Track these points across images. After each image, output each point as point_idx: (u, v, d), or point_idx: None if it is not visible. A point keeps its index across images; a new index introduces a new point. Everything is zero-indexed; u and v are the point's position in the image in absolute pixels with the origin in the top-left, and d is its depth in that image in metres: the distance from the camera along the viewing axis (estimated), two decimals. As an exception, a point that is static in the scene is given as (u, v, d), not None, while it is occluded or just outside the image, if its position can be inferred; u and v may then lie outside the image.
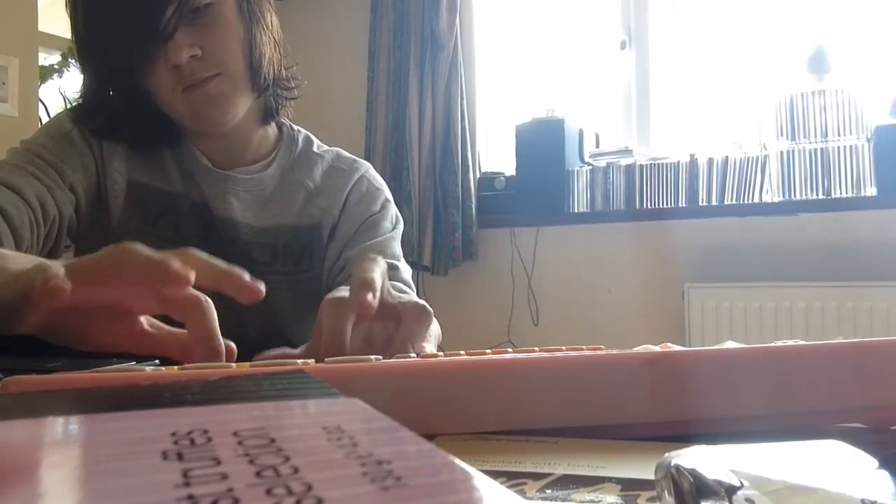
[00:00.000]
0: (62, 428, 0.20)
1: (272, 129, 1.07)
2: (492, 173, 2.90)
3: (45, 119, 2.39)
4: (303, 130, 1.12)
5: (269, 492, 0.15)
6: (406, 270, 1.01)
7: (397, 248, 1.05)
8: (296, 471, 0.16)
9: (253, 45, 0.93)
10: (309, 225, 1.03)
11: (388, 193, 1.11)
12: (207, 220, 0.98)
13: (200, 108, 0.91)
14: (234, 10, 0.91)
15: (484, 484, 0.16)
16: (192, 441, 0.18)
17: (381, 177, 1.21)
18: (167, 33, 0.85)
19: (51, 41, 2.33)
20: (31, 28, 2.22)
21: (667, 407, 0.44)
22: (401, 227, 1.09)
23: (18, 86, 2.17)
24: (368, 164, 1.12)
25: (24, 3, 2.21)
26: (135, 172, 0.97)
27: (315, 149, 1.10)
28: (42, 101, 2.37)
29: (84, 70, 0.94)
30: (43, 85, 2.36)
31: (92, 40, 0.89)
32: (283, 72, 1.02)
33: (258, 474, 0.16)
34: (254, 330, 0.94)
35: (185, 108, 0.91)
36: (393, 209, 1.10)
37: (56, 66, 2.49)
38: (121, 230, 0.95)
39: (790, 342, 0.49)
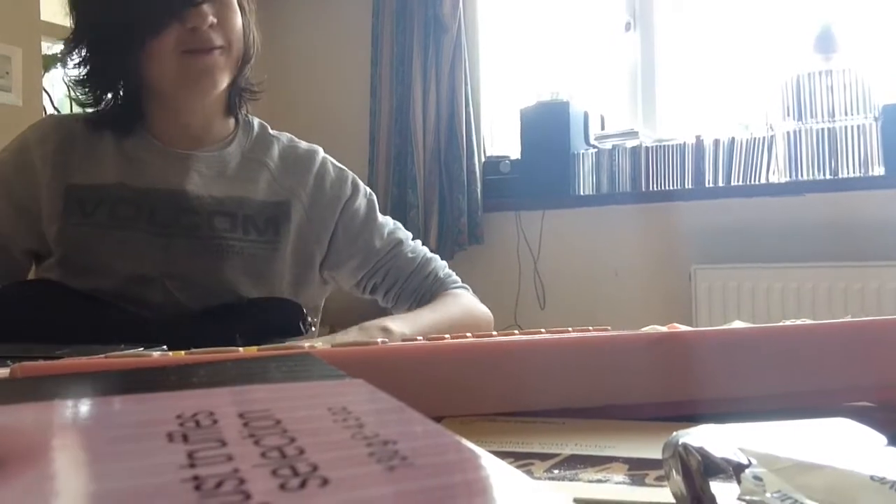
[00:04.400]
0: (69, 411, 0.20)
1: (230, 120, 1.13)
2: (497, 157, 2.89)
3: (49, 109, 2.39)
4: (255, 118, 1.18)
5: (274, 472, 0.15)
6: (417, 246, 1.17)
7: (395, 233, 1.17)
8: (301, 451, 0.16)
9: (249, 31, 1.02)
10: (275, 201, 1.08)
11: (351, 173, 1.17)
12: (156, 199, 1.03)
13: (196, 74, 0.98)
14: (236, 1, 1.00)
15: (491, 463, 0.16)
16: (198, 423, 0.18)
17: (386, 162, 1.30)
18: (197, 1, 0.93)
19: (53, 30, 2.32)
20: (33, 17, 2.21)
21: (674, 387, 0.44)
22: (375, 203, 1.18)
23: (22, 75, 2.17)
24: (321, 150, 1.17)
25: (26, -8, 2.20)
26: (74, 177, 1.03)
27: (270, 132, 1.16)
28: (46, 90, 2.37)
29: (83, 37, 1.00)
30: (46, 74, 2.35)
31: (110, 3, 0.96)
32: (249, 68, 1.08)
33: (264, 455, 0.16)
34: (207, 291, 1.01)
35: (181, 70, 0.98)
36: (361, 187, 1.17)
37: (59, 55, 2.49)
38: (63, 229, 1.02)
39: (798, 322, 0.49)
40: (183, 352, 0.44)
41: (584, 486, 0.32)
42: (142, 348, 0.63)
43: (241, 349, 0.44)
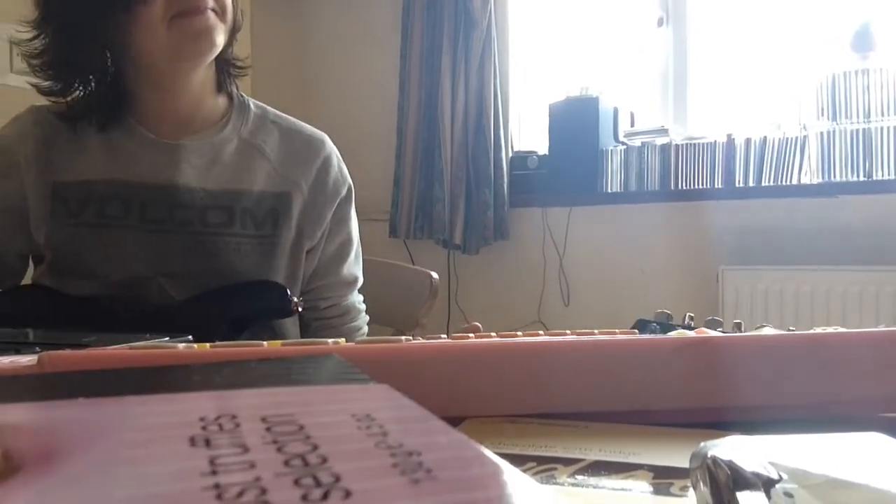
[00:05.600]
0: (93, 410, 0.20)
1: (222, 99, 1.08)
2: (524, 152, 2.88)
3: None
4: (251, 99, 1.12)
5: (297, 482, 0.15)
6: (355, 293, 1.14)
7: (354, 270, 1.14)
8: (324, 460, 0.16)
9: (236, 3, 0.98)
10: (275, 192, 1.04)
11: (347, 176, 1.14)
12: (146, 194, 0.99)
13: (193, 36, 0.93)
14: None
15: (515, 479, 0.16)
16: (221, 426, 0.18)
17: (414, 155, 1.27)
18: None
19: None
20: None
21: (701, 393, 0.43)
22: (355, 221, 1.15)
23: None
24: (327, 139, 1.13)
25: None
26: (59, 174, 0.99)
27: (270, 117, 1.11)
28: None
29: (56, 13, 0.96)
30: None
31: None
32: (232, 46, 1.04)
33: (286, 463, 0.16)
34: (204, 289, 0.97)
35: (175, 36, 0.92)
36: (352, 195, 1.13)
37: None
38: (51, 231, 0.98)
39: (830, 329, 0.48)
40: (208, 344, 0.44)
41: (608, 495, 0.31)
42: (167, 338, 0.63)
43: (265, 344, 0.43)
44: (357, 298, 1.15)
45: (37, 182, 0.99)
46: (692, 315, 0.77)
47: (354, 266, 1.14)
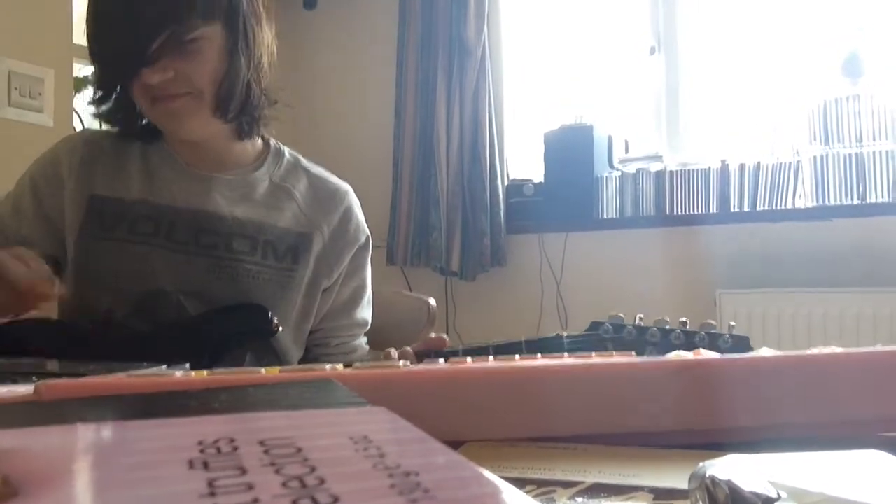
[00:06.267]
0: (91, 435, 0.20)
1: (255, 143, 1.14)
2: (520, 180, 2.89)
3: (79, 128, 2.43)
4: (287, 147, 1.19)
5: (294, 503, 0.15)
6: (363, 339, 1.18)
7: (365, 316, 1.19)
8: (322, 482, 0.16)
9: (228, 78, 1.00)
10: (298, 231, 1.09)
11: (366, 228, 1.19)
12: (176, 216, 1.05)
13: (164, 120, 1.01)
14: (219, 47, 0.98)
15: (513, 498, 0.16)
16: (219, 450, 0.18)
17: (410, 184, 1.34)
18: (151, 60, 0.93)
19: (85, 53, 2.36)
20: (66, 40, 2.25)
21: (700, 415, 0.43)
22: (369, 262, 1.20)
23: (54, 96, 2.21)
24: (351, 190, 1.19)
25: (59, 15, 2.25)
26: (97, 188, 1.06)
27: (302, 164, 1.17)
28: (76, 112, 2.41)
29: (93, 64, 1.03)
30: (77, 95, 2.40)
31: (93, 47, 0.99)
32: (262, 97, 1.07)
33: (284, 485, 0.16)
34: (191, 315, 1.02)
35: (153, 117, 1.01)
36: (370, 245, 1.19)
37: (90, 78, 2.53)
38: (81, 240, 1.05)
39: (827, 349, 0.48)
40: (205, 372, 0.44)
41: (608, 517, 0.31)
42: (164, 367, 0.63)
43: (263, 370, 0.43)
44: (363, 339, 1.20)
45: (75, 192, 1.06)
46: (684, 320, 0.79)
47: (366, 310, 1.19)
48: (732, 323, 0.82)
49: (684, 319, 0.80)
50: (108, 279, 1.03)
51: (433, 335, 0.92)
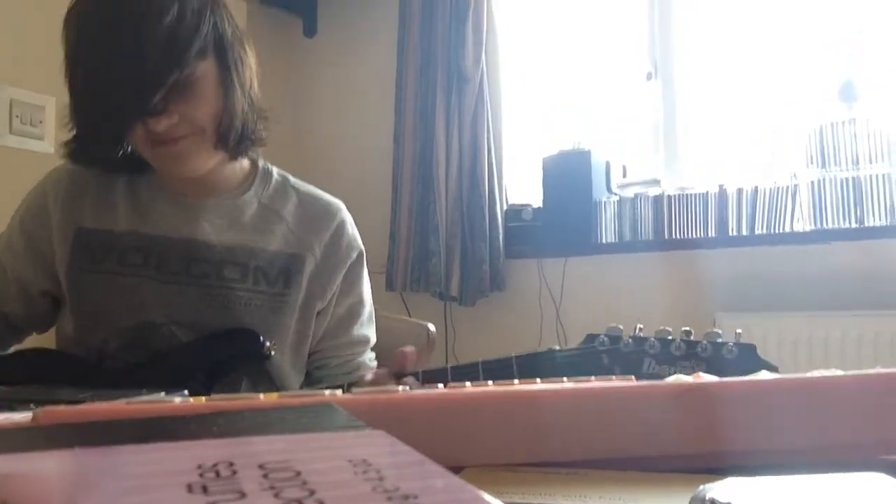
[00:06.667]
0: (89, 460, 0.20)
1: (242, 165, 1.12)
2: (519, 205, 2.90)
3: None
4: (275, 167, 1.17)
5: (293, 525, 0.15)
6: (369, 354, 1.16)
7: (366, 332, 1.17)
8: (321, 504, 0.16)
9: (226, 111, 0.98)
10: (289, 253, 1.08)
11: (360, 243, 1.17)
12: (165, 247, 1.03)
13: (168, 162, 0.98)
14: (214, 80, 0.96)
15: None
16: (218, 473, 0.18)
17: (409, 209, 1.32)
18: (157, 110, 0.91)
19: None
20: (67, 68, 2.28)
21: (700, 439, 0.43)
22: (366, 277, 1.18)
23: (55, 124, 2.22)
24: (343, 206, 1.17)
25: (60, 44, 2.27)
26: (85, 221, 1.05)
27: (291, 184, 1.15)
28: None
29: (74, 115, 1.00)
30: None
31: (84, 99, 0.95)
32: (254, 123, 1.05)
33: (283, 507, 0.16)
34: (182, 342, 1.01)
35: (155, 160, 0.99)
36: (363, 260, 1.16)
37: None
38: (71, 272, 1.04)
39: (827, 372, 0.48)
40: (203, 398, 0.44)
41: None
42: (163, 393, 0.63)
43: (261, 396, 0.43)
44: (369, 356, 1.18)
45: (62, 225, 1.05)
46: (688, 329, 0.79)
47: (366, 327, 1.17)
48: (739, 331, 0.80)
49: (688, 329, 0.79)
50: (100, 312, 1.02)
51: (400, 349, 0.90)
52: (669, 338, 0.79)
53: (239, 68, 0.99)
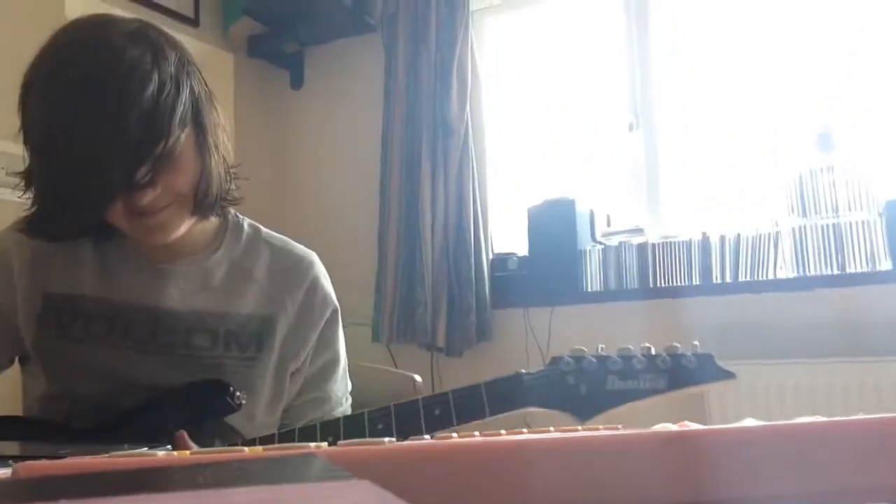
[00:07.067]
0: (72, 513, 0.20)
1: (214, 220, 1.08)
2: (504, 254, 2.91)
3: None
4: (246, 219, 1.13)
5: (279, 576, 0.15)
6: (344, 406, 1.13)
7: (340, 388, 1.14)
8: (306, 554, 0.16)
9: (204, 176, 0.95)
10: (261, 315, 1.05)
11: (334, 298, 1.14)
12: (131, 315, 1.00)
13: (145, 233, 0.95)
14: (192, 146, 0.93)
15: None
16: (203, 525, 0.18)
17: (395, 260, 1.31)
18: (143, 184, 0.87)
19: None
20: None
21: (688, 487, 0.43)
22: (340, 332, 1.15)
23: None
24: (316, 259, 1.13)
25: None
26: (51, 285, 1.01)
27: (264, 237, 1.11)
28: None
29: (42, 190, 0.92)
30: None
31: (61, 177, 0.87)
32: (228, 184, 1.02)
33: (268, 558, 0.16)
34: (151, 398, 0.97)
35: (131, 231, 0.95)
36: (338, 316, 1.13)
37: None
38: (38, 338, 1.01)
39: (812, 419, 0.48)
40: (188, 451, 0.44)
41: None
42: (146, 448, 0.62)
43: (245, 449, 0.43)
44: (342, 409, 1.15)
45: (29, 289, 1.02)
46: (647, 346, 0.81)
47: (341, 382, 1.14)
48: (696, 342, 0.84)
49: (647, 345, 0.82)
50: (69, 377, 1.00)
51: None
52: (629, 354, 0.82)
53: (214, 130, 0.97)
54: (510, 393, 0.90)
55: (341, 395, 1.14)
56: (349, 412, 1.15)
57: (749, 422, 0.51)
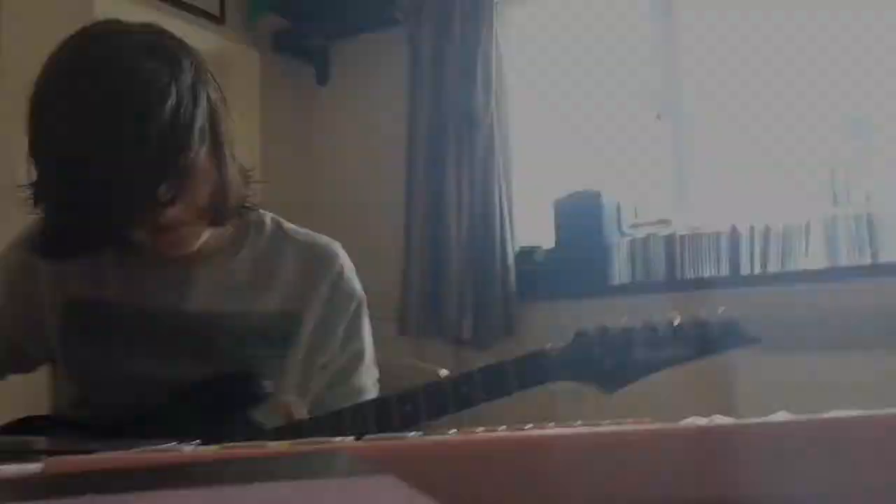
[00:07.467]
0: (99, 509, 0.20)
1: (235, 220, 1.06)
2: (530, 247, 2.90)
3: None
4: (268, 214, 1.11)
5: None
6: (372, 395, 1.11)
7: (368, 379, 1.12)
8: (331, 552, 0.16)
9: (221, 186, 0.94)
10: (288, 312, 1.04)
11: (359, 288, 1.12)
12: (155, 321, 1.00)
13: (168, 245, 0.94)
14: (210, 157, 0.92)
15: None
16: (228, 522, 0.18)
17: (421, 254, 1.30)
18: (166, 201, 0.85)
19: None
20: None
21: (719, 482, 0.42)
22: (366, 322, 1.14)
23: None
24: (340, 250, 1.12)
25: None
26: (75, 293, 1.01)
27: (287, 232, 1.10)
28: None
29: (55, 211, 0.90)
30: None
31: (79, 196, 0.85)
32: (244, 190, 1.01)
33: (293, 556, 0.15)
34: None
35: (153, 243, 0.93)
36: (364, 305, 1.12)
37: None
38: (63, 346, 1.01)
39: (847, 413, 0.47)
40: (215, 446, 0.44)
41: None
42: (174, 443, 0.63)
43: (272, 444, 0.43)
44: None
45: (53, 298, 1.02)
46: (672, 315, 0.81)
47: (367, 375, 1.13)
48: (722, 308, 0.84)
49: (672, 314, 0.82)
50: (95, 383, 1.01)
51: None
52: (655, 324, 0.82)
53: (226, 139, 0.95)
54: (537, 368, 0.90)
55: (370, 385, 1.14)
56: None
57: (782, 416, 0.51)
